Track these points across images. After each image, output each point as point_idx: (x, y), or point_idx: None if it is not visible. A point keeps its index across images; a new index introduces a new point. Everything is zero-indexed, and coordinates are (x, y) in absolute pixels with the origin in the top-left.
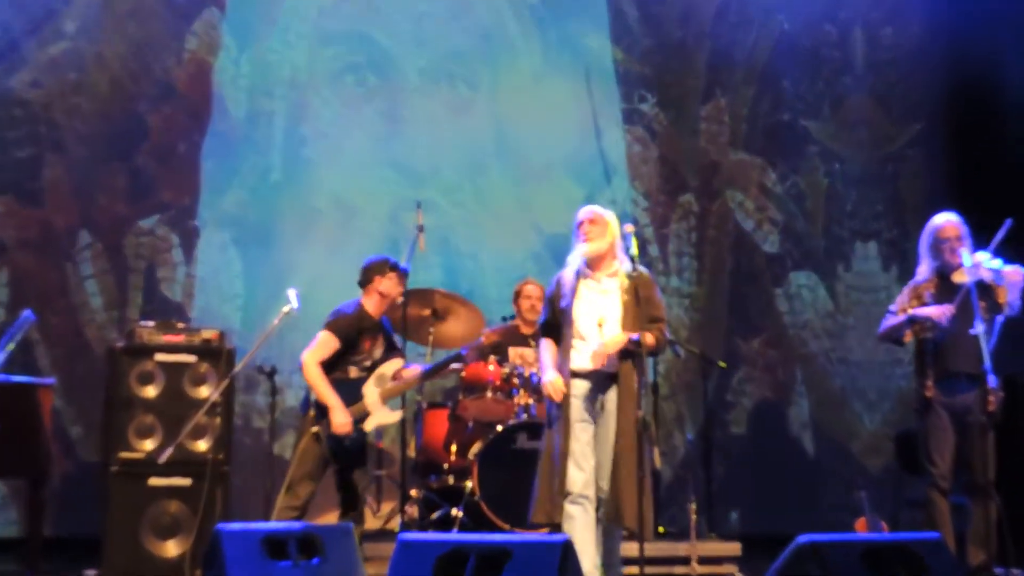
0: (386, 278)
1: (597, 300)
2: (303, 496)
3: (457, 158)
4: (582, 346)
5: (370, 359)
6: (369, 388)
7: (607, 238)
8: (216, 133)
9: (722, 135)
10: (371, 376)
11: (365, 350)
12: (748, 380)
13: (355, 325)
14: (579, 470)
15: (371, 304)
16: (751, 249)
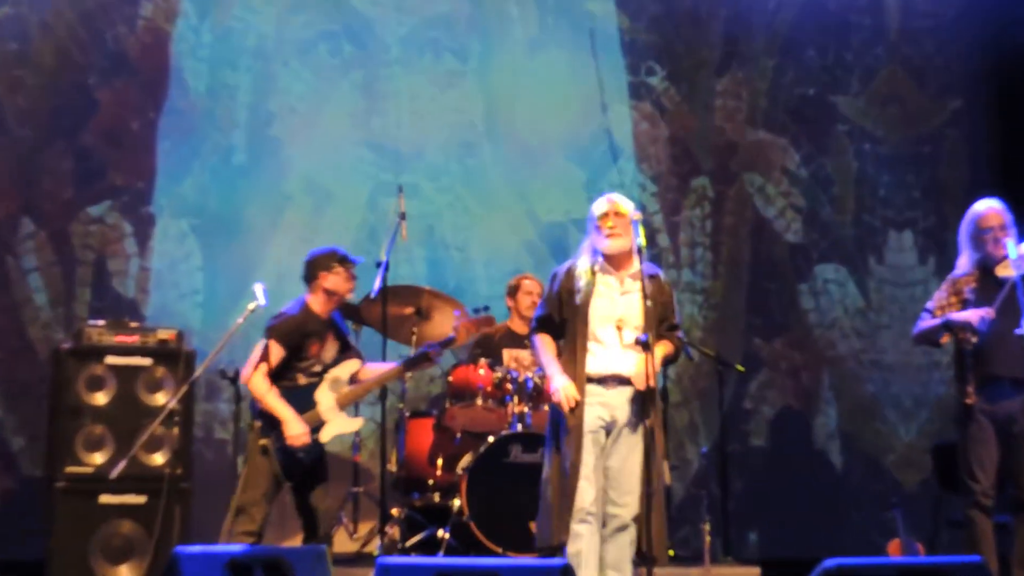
0: (333, 273)
1: (617, 301)
2: (259, 519)
3: (443, 138)
4: (597, 349)
5: (320, 363)
6: (322, 394)
7: (630, 235)
8: (174, 110)
9: (739, 112)
10: (324, 381)
11: (313, 354)
12: (769, 386)
13: (300, 328)
14: (590, 485)
15: (317, 303)
16: (772, 239)
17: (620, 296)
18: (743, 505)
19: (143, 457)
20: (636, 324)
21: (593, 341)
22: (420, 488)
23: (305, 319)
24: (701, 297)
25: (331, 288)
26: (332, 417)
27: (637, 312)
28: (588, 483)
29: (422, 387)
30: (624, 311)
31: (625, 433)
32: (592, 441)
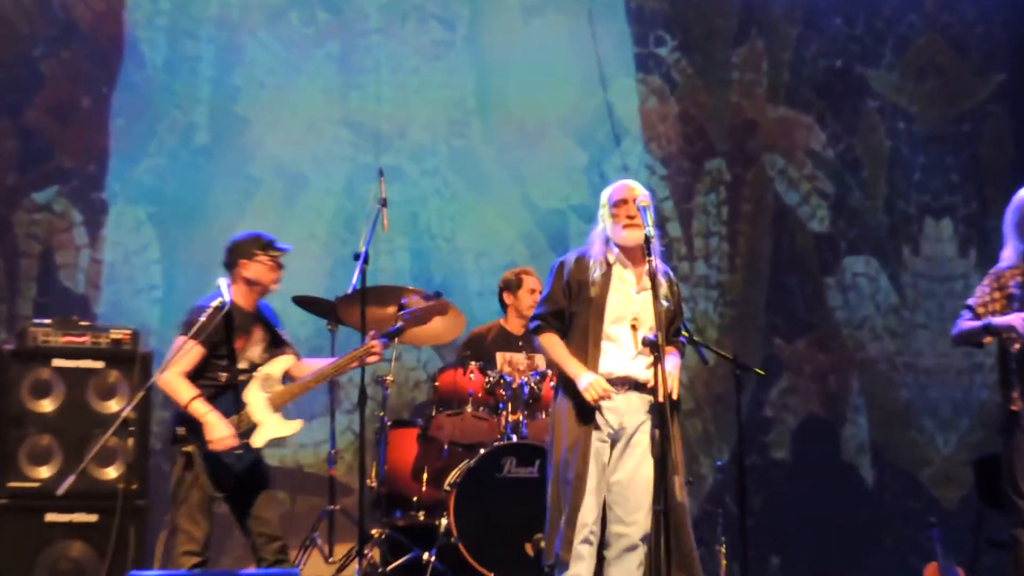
0: (254, 261)
1: (633, 298)
2: (199, 537)
3: (429, 115)
4: (610, 349)
5: (246, 360)
6: (252, 394)
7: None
8: (128, 84)
9: (759, 86)
10: (253, 379)
11: (237, 350)
12: (791, 392)
13: (220, 321)
14: (594, 501)
15: (239, 294)
16: (795, 228)
17: (637, 294)
18: (763, 525)
19: (94, 471)
20: (651, 325)
21: (606, 340)
22: (403, 506)
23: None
24: (716, 293)
25: (252, 278)
26: (265, 419)
27: (651, 312)
28: (592, 497)
29: (405, 393)
30: (640, 310)
31: (634, 443)
32: (599, 452)
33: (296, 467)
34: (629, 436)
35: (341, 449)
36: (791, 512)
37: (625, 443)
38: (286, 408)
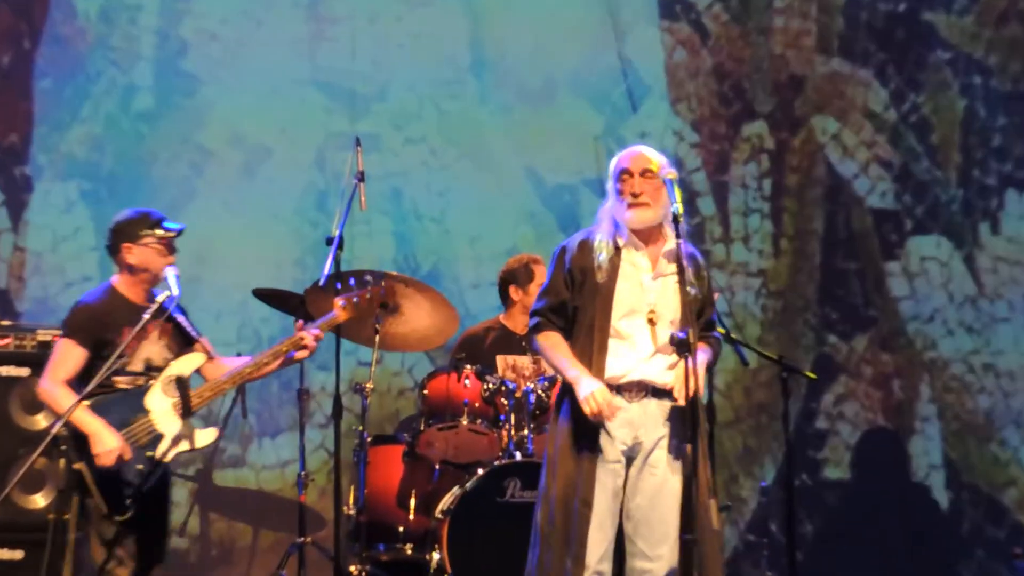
0: (139, 245)
1: (648, 287)
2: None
3: (414, 73)
4: (620, 348)
5: (141, 361)
6: (155, 399)
7: (661, 202)
8: (56, 38)
9: (807, 35)
10: (156, 383)
11: (128, 350)
12: (849, 398)
13: (102, 318)
14: (603, 536)
15: (125, 284)
16: (851, 204)
17: (652, 281)
18: (817, 555)
19: (19, 498)
20: (673, 318)
21: (615, 337)
22: (387, 537)
23: (109, 306)
24: (758, 281)
25: (138, 264)
26: (170, 428)
27: (674, 302)
28: (600, 532)
29: (388, 404)
30: (658, 300)
31: (654, 461)
32: (608, 475)
33: (259, 492)
34: (647, 453)
35: (312, 471)
36: (849, 542)
37: (643, 461)
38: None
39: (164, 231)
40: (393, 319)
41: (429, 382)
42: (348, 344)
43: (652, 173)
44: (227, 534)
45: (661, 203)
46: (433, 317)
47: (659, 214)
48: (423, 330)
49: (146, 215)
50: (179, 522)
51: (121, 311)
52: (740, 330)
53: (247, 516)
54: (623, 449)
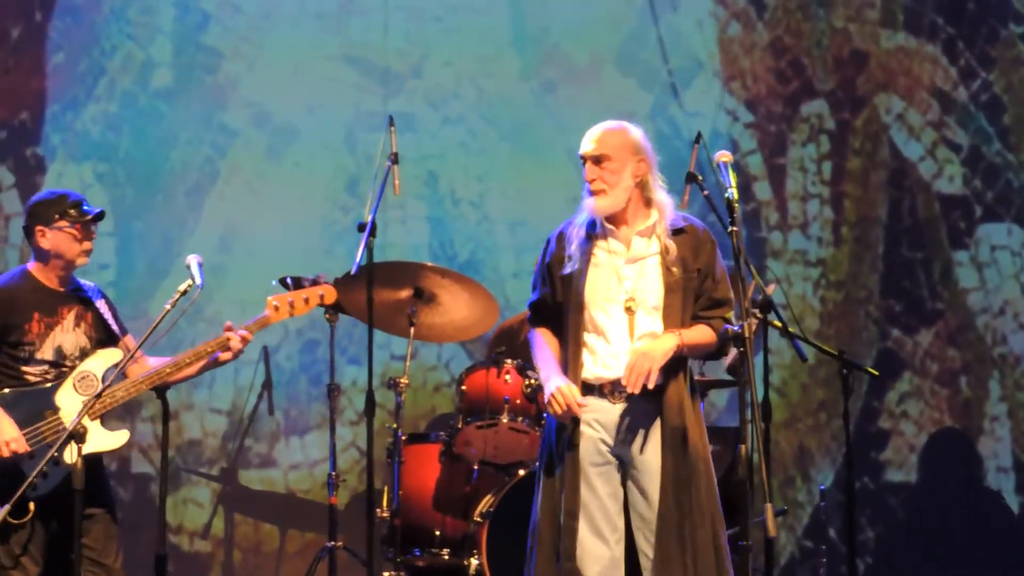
0: (53, 230)
1: (623, 272)
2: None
3: (451, 48)
4: (598, 344)
5: (51, 350)
6: (66, 396)
7: (625, 181)
8: (69, 9)
9: (870, 8)
10: (68, 378)
11: (34, 336)
12: (914, 396)
13: (10, 301)
14: (600, 540)
15: (40, 269)
16: (917, 189)
17: (626, 265)
18: (877, 564)
19: None
20: (656, 304)
21: (591, 332)
22: (422, 542)
23: (19, 290)
24: (817, 271)
25: (51, 249)
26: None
27: (655, 286)
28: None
29: (423, 400)
30: (636, 286)
31: (645, 468)
32: (600, 476)
33: (287, 493)
34: (637, 459)
35: (343, 471)
36: (913, 548)
37: (638, 469)
38: (110, 414)
39: (82, 214)
40: (429, 309)
41: (467, 377)
42: (381, 336)
43: (607, 157)
44: (253, 537)
45: (621, 185)
46: (472, 307)
47: (620, 198)
48: (460, 321)
49: (63, 196)
50: (202, 524)
51: (32, 296)
52: (798, 323)
53: (274, 518)
54: (607, 450)
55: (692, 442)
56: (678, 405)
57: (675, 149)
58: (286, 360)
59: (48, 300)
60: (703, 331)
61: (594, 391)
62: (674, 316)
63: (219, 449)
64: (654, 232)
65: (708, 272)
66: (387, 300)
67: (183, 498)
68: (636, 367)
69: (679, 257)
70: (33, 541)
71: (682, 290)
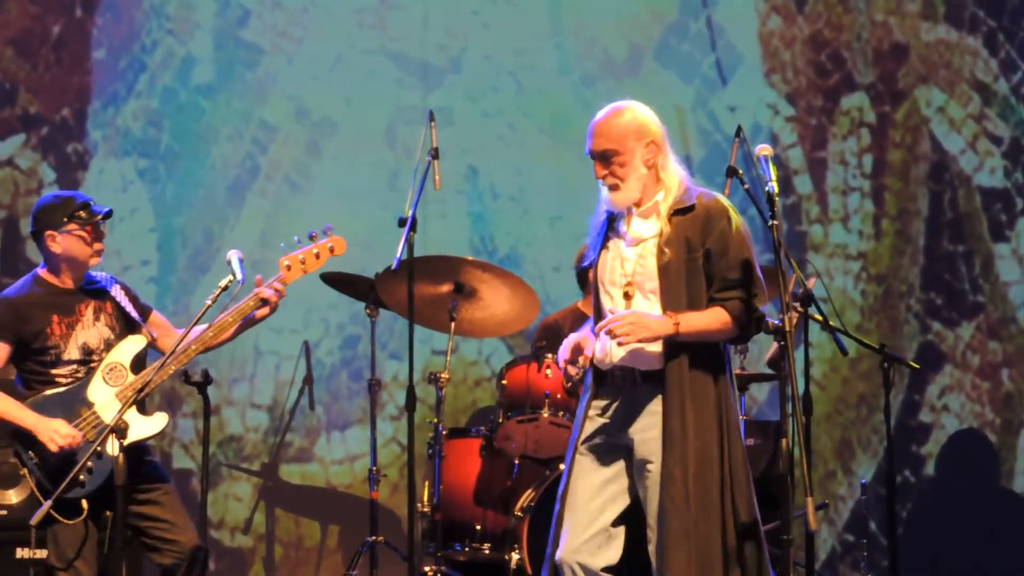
0: (63, 234)
1: (625, 254)
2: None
3: (490, 43)
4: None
5: (78, 348)
6: (97, 389)
7: (638, 169)
8: (111, 6)
9: (911, 0)
10: (96, 372)
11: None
12: (955, 390)
13: (25, 309)
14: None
15: (51, 269)
16: (958, 182)
17: (628, 247)
18: (919, 558)
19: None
20: (653, 287)
21: (603, 318)
22: (463, 536)
23: (33, 297)
24: (857, 265)
25: (63, 253)
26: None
27: (653, 267)
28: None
29: (464, 395)
30: (635, 269)
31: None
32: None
33: (327, 488)
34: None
35: (384, 466)
36: (953, 542)
37: (642, 458)
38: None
39: (89, 215)
40: (470, 304)
41: (508, 372)
42: (422, 331)
43: (613, 151)
44: (294, 532)
45: (633, 175)
46: (512, 302)
47: (635, 188)
48: (501, 315)
49: (70, 199)
50: (243, 519)
51: (48, 299)
52: (838, 317)
53: (315, 513)
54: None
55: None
56: (679, 392)
57: (715, 143)
58: (327, 355)
59: (64, 300)
60: (714, 314)
61: (603, 377)
62: (674, 299)
63: (260, 444)
64: (655, 212)
65: (720, 251)
66: (428, 295)
67: (224, 493)
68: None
69: (680, 237)
70: (87, 543)
71: (684, 272)
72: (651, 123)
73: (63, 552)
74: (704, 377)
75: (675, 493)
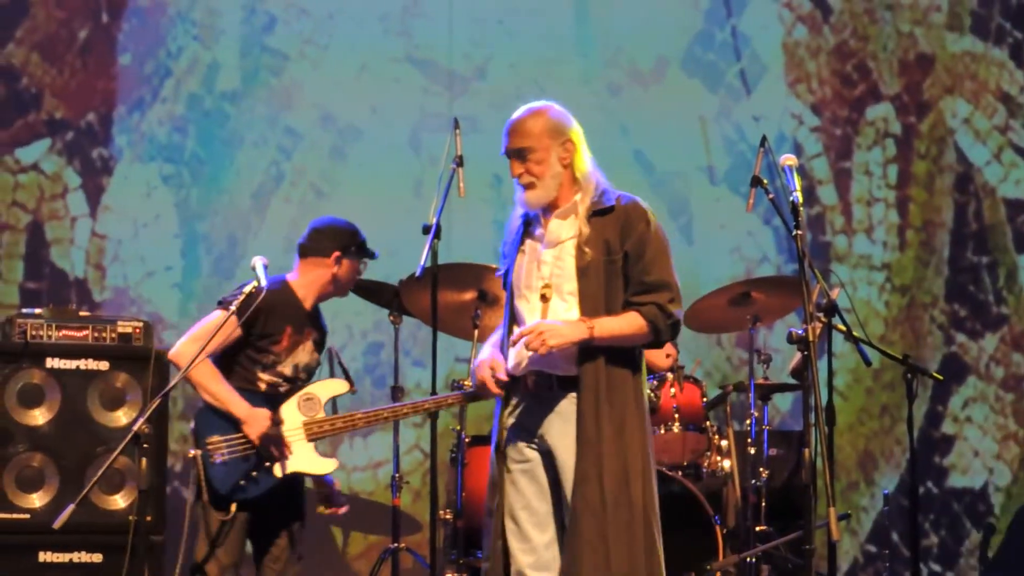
0: (349, 260)
1: (543, 257)
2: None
3: (515, 51)
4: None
5: (291, 365)
6: (290, 411)
7: (553, 168)
8: (136, 11)
9: (937, 11)
10: (295, 395)
11: (282, 349)
12: (979, 400)
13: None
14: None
15: (304, 284)
16: (983, 193)
17: (546, 250)
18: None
19: (99, 499)
20: (571, 289)
21: (518, 324)
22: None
23: (281, 298)
24: (881, 275)
25: (342, 278)
26: (295, 446)
27: (571, 269)
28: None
29: (486, 402)
30: (552, 271)
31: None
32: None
33: (350, 495)
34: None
35: (407, 473)
36: (977, 556)
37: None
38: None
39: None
40: (493, 311)
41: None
42: (445, 339)
43: (530, 149)
44: (316, 539)
45: (549, 174)
46: None
47: (551, 187)
48: None
49: (357, 231)
50: None
51: (289, 311)
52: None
53: (337, 520)
54: (533, 446)
55: (613, 432)
56: (594, 395)
57: (740, 152)
58: (350, 362)
59: (302, 318)
60: (629, 319)
61: (518, 384)
62: (592, 302)
63: None
64: (573, 213)
65: (638, 254)
66: (451, 302)
67: None
68: (528, 331)
69: (599, 238)
70: (229, 541)
71: (603, 274)
72: (568, 123)
73: (207, 547)
74: (620, 379)
75: (589, 494)
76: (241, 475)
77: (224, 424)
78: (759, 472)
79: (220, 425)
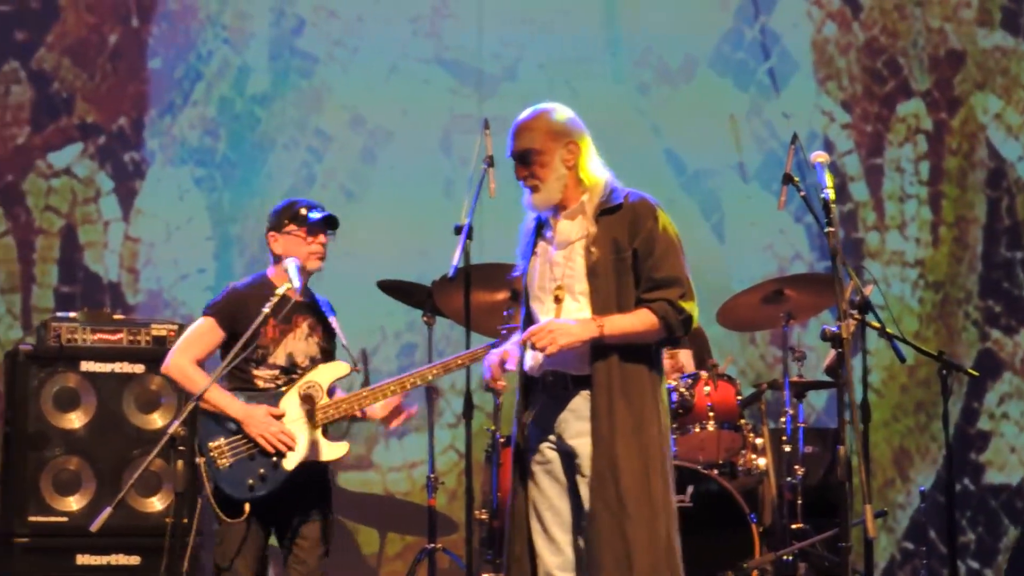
0: (284, 234)
1: (555, 258)
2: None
3: (545, 51)
4: None
5: (283, 355)
6: (291, 402)
7: (557, 170)
8: (167, 15)
9: (967, 7)
10: (294, 386)
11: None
12: (1014, 397)
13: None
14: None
15: (276, 273)
16: (1017, 188)
17: (557, 251)
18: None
19: (135, 502)
20: (582, 289)
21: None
22: None
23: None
24: (915, 272)
25: (285, 251)
26: (301, 436)
27: (581, 269)
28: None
29: None
30: (565, 271)
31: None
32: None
33: (386, 495)
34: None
35: (442, 473)
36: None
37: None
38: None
39: (320, 216)
40: None
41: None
42: (478, 339)
43: (534, 151)
44: (352, 539)
45: (553, 176)
46: None
47: (555, 189)
48: None
49: (292, 203)
50: None
51: (265, 300)
52: (896, 324)
53: (373, 520)
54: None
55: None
56: (607, 394)
57: (771, 150)
58: (384, 363)
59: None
60: (640, 316)
61: (536, 385)
62: (603, 301)
63: None
64: (580, 213)
65: (647, 251)
66: (484, 302)
67: None
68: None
69: (608, 237)
70: (248, 543)
71: (613, 272)
72: (571, 124)
73: (226, 550)
74: (636, 376)
75: (606, 493)
76: (250, 475)
77: (225, 427)
78: (794, 470)
79: (221, 429)
